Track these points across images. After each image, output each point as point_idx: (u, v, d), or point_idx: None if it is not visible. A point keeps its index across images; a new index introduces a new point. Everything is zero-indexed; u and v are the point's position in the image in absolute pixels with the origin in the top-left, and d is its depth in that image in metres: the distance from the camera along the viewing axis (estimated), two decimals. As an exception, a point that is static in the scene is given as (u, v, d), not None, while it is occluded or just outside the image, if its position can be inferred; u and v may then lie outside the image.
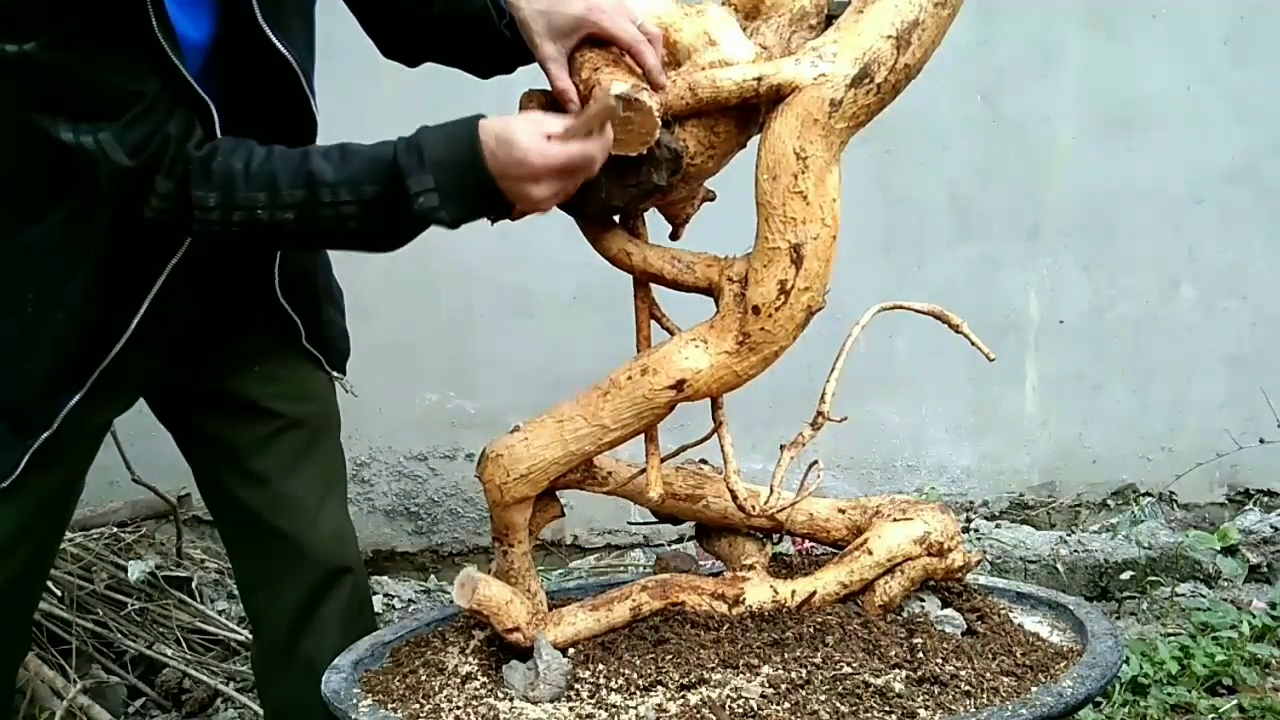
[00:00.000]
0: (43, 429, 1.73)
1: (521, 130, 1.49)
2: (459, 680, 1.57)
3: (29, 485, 1.76)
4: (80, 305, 1.70)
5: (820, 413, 1.63)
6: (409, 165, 1.51)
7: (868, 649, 1.55)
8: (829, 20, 1.60)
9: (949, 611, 1.68)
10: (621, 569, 3.59)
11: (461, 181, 1.51)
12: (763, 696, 1.44)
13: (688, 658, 1.53)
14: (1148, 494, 3.88)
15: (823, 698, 1.43)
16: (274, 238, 1.63)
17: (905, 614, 1.67)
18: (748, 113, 1.57)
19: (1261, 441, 3.76)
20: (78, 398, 1.74)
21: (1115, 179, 3.83)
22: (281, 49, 1.68)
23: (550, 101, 1.63)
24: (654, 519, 1.82)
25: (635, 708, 1.45)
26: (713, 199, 1.75)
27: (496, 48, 1.76)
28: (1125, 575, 3.44)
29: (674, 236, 1.76)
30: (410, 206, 1.51)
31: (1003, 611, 1.73)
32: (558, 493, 1.71)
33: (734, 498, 1.64)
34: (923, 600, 1.70)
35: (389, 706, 1.54)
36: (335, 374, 2.04)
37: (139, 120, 1.52)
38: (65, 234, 1.69)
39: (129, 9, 1.50)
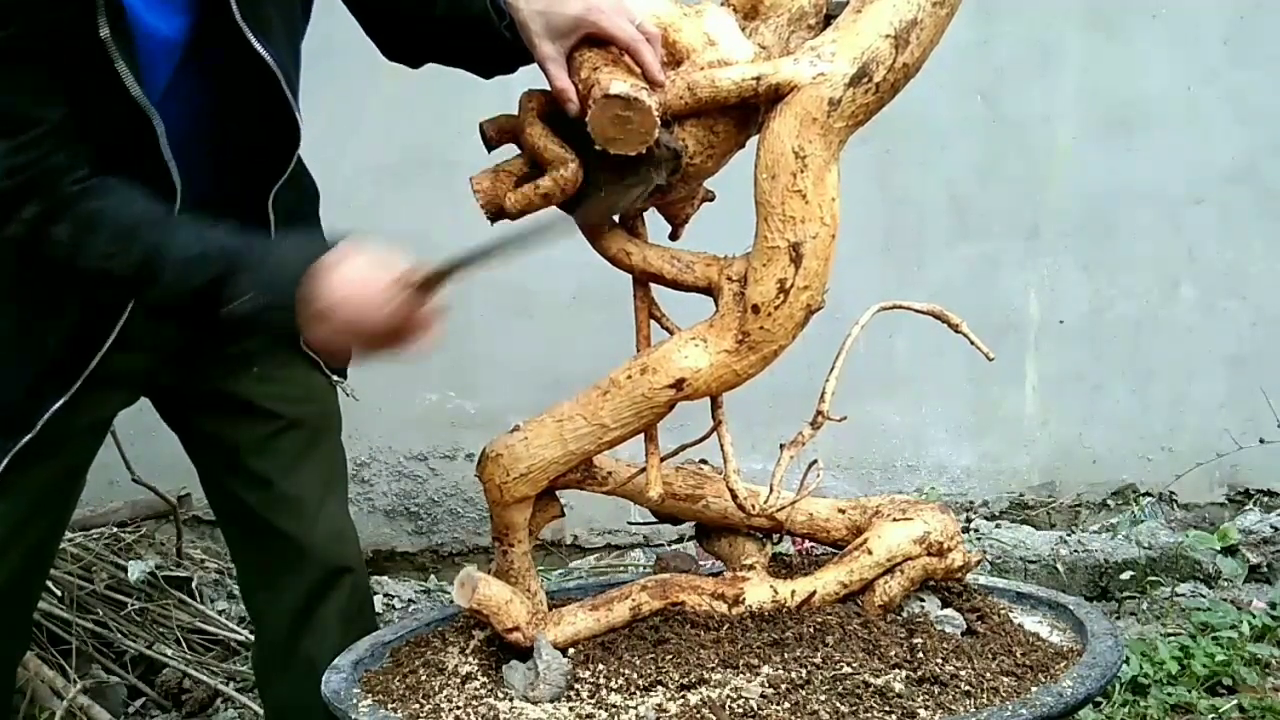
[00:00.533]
0: (24, 432, 1.74)
1: (348, 270, 1.55)
2: (459, 680, 1.57)
3: (19, 484, 1.76)
4: (66, 309, 1.71)
5: (820, 412, 1.63)
6: (245, 275, 1.57)
7: (868, 649, 1.55)
8: (827, 20, 1.60)
9: (949, 611, 1.68)
10: (621, 569, 3.59)
11: (279, 316, 1.57)
12: (763, 696, 1.44)
13: (688, 658, 1.53)
14: (1148, 494, 3.88)
15: (823, 698, 1.43)
16: (115, 285, 1.67)
17: (905, 614, 1.67)
18: (747, 112, 1.57)
19: (1261, 441, 3.76)
20: (62, 402, 1.74)
21: (1115, 179, 3.83)
22: (258, 48, 1.67)
23: (550, 101, 1.63)
24: (654, 519, 1.82)
25: (635, 708, 1.45)
26: (712, 199, 1.75)
27: (497, 48, 1.76)
28: (1125, 575, 3.44)
29: (673, 236, 1.76)
30: (227, 305, 1.57)
31: (1003, 611, 1.73)
32: (557, 492, 1.71)
33: (734, 497, 1.64)
34: (923, 600, 1.70)
35: (389, 706, 1.54)
36: (336, 378, 2.03)
37: (27, 146, 1.54)
38: None
39: (75, 17, 1.50)
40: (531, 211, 1.62)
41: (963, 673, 1.48)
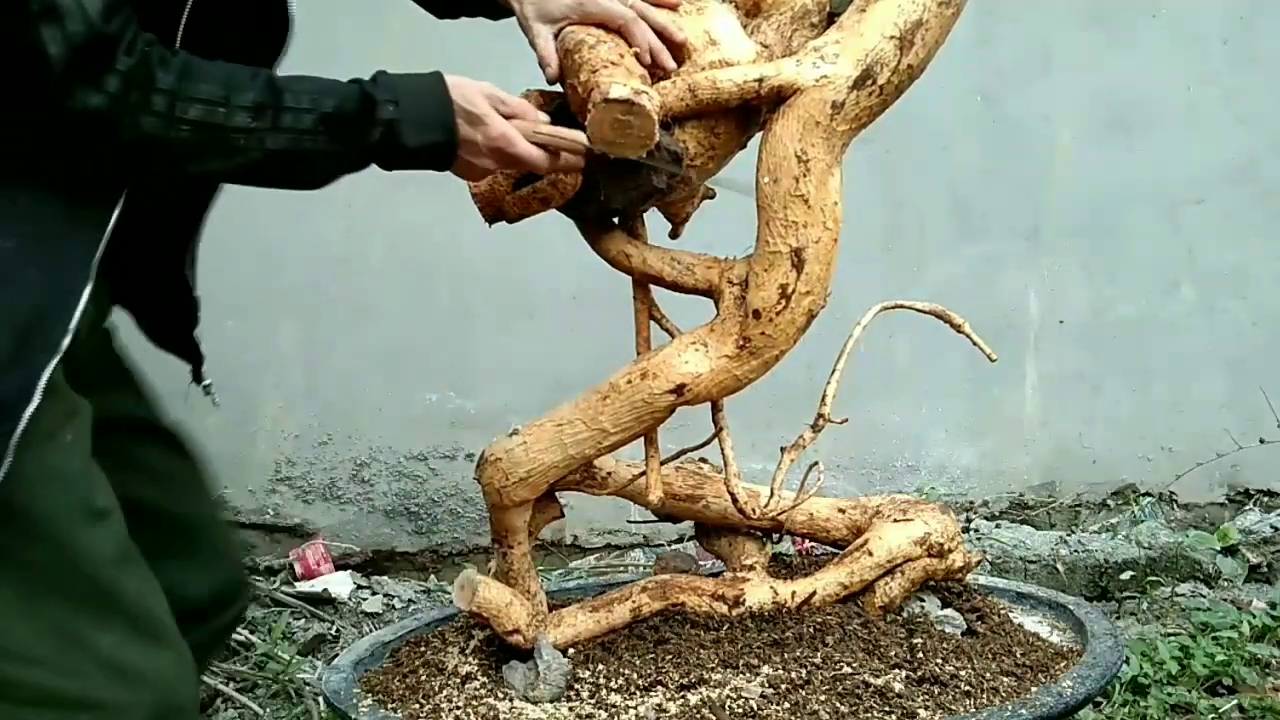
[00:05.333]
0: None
1: (480, 95, 1.51)
2: (459, 680, 1.57)
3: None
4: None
5: (821, 414, 1.63)
6: (374, 87, 1.48)
7: (868, 649, 1.55)
8: (830, 18, 1.60)
9: (949, 611, 1.69)
10: (621, 569, 3.59)
11: (422, 108, 1.48)
12: (763, 696, 1.44)
13: (688, 658, 1.54)
14: (1148, 494, 3.88)
15: (823, 698, 1.43)
16: (218, 149, 1.43)
17: (905, 614, 1.67)
18: (748, 113, 1.57)
19: (1261, 441, 3.75)
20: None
21: (1115, 179, 3.83)
22: None
23: (549, 102, 1.63)
24: (654, 518, 1.82)
25: (635, 708, 1.45)
26: (713, 196, 1.75)
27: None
28: (1125, 575, 3.44)
29: (674, 235, 1.76)
30: (375, 115, 1.46)
31: (1003, 611, 1.73)
32: (557, 494, 1.71)
33: (734, 502, 1.64)
34: (923, 600, 1.70)
35: (389, 706, 1.54)
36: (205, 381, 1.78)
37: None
38: None
39: None
40: (530, 215, 1.62)
41: (963, 673, 1.48)
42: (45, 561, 1.38)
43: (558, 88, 1.62)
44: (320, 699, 2.80)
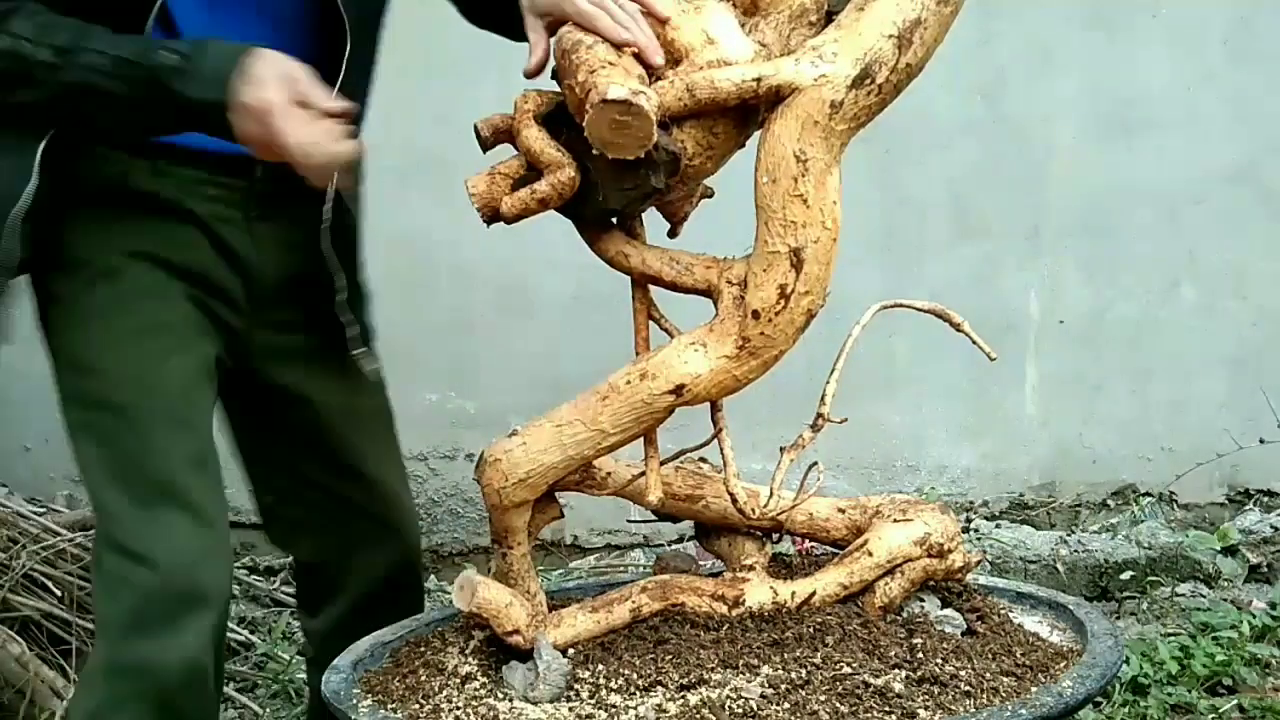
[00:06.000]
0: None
1: (272, 68, 1.60)
2: (459, 681, 1.56)
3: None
4: None
5: (820, 414, 1.63)
6: (175, 41, 1.63)
7: (868, 649, 1.55)
8: (829, 17, 1.59)
9: (949, 612, 1.68)
10: (621, 569, 3.59)
11: (211, 64, 1.59)
12: (762, 696, 1.44)
13: (687, 658, 1.53)
14: (1148, 494, 3.88)
15: (823, 698, 1.43)
16: (22, 81, 1.63)
17: (905, 614, 1.67)
18: (746, 112, 1.57)
19: (1261, 441, 3.76)
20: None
21: (1115, 179, 3.83)
22: None
23: (546, 102, 1.63)
24: (654, 518, 1.82)
25: (635, 708, 1.45)
26: (711, 195, 1.75)
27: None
28: (1125, 575, 3.45)
29: (672, 234, 1.76)
30: (159, 61, 1.58)
31: (1003, 611, 1.73)
32: (557, 494, 1.71)
33: (734, 502, 1.64)
34: (923, 600, 1.70)
35: (389, 707, 1.54)
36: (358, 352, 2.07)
37: None
38: None
39: None
40: (528, 216, 1.62)
41: (963, 673, 1.48)
42: (130, 451, 1.71)
43: (558, 89, 1.62)
44: (320, 699, 2.80)
